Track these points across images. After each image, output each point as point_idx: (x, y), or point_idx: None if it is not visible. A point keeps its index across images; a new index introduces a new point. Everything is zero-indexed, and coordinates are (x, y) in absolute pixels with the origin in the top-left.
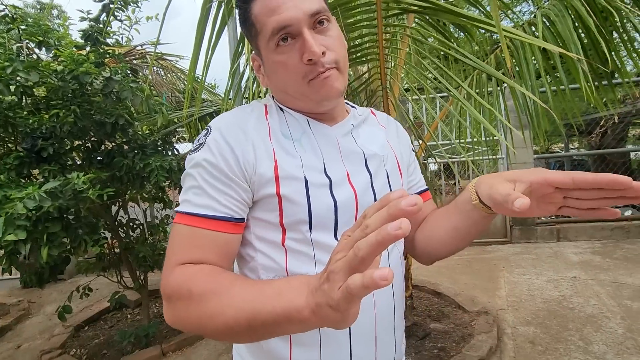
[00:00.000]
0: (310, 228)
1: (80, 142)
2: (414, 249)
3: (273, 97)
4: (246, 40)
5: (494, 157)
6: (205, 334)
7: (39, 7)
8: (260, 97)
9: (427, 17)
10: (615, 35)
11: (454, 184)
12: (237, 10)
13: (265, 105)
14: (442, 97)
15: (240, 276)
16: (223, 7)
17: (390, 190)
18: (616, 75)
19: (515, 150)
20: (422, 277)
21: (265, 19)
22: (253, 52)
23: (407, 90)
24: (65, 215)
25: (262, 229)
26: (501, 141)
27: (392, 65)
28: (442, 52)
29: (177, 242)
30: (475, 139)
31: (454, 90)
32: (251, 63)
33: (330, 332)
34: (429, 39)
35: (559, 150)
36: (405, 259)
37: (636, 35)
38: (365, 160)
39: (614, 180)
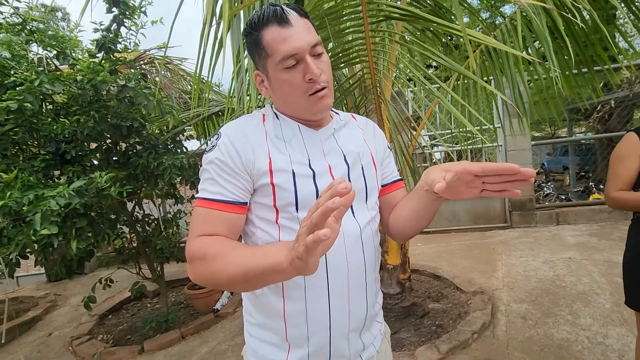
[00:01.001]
0: (297, 209)
1: (97, 144)
2: (389, 229)
3: (272, 106)
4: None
5: (493, 144)
6: (216, 285)
7: (43, 9)
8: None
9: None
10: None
11: None
12: (243, 34)
13: (263, 114)
14: (436, 87)
15: (241, 243)
16: (222, 28)
17: (364, 180)
18: (617, 60)
19: (515, 138)
20: (424, 262)
21: (277, 46)
22: (256, 69)
23: (409, 80)
24: (89, 212)
25: (260, 210)
26: (474, 132)
27: (382, 67)
28: (439, 45)
29: (197, 220)
30: (452, 130)
31: (438, 93)
32: (254, 78)
33: (313, 290)
34: (416, 38)
35: (565, 135)
36: (402, 246)
37: None
38: (344, 156)
39: (507, 167)
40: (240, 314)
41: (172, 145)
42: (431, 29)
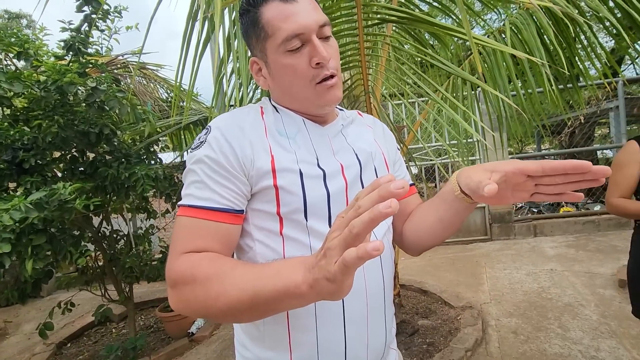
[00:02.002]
0: (306, 216)
1: (61, 153)
2: (403, 241)
3: (269, 99)
4: (232, 50)
5: (471, 158)
6: (209, 316)
7: (7, 16)
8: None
9: (405, 27)
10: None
11: (434, 186)
12: (239, 14)
13: (261, 107)
14: (420, 101)
15: (241, 261)
16: (207, 23)
17: None
18: (580, 78)
19: (490, 152)
20: (409, 277)
21: (280, 24)
22: (253, 56)
23: (390, 95)
24: (48, 228)
25: (260, 219)
26: (478, 140)
27: (374, 71)
28: (418, 60)
29: (181, 232)
30: (451, 142)
31: (432, 94)
32: (249, 67)
33: (325, 316)
34: (406, 46)
35: (532, 151)
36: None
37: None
38: (356, 155)
39: (576, 165)
40: (219, 337)
41: (145, 156)
42: (420, 32)
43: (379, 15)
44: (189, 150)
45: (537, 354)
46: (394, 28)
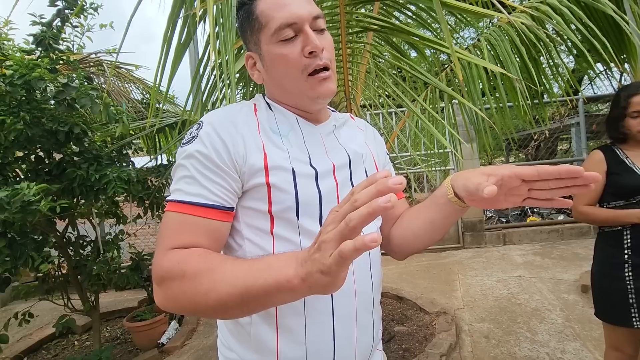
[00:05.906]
0: (297, 215)
1: (25, 153)
2: (390, 244)
3: (263, 96)
4: (208, 52)
5: (445, 168)
6: (198, 312)
7: None
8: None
9: (385, 36)
10: (543, 60)
11: (409, 196)
12: (233, 8)
13: (254, 104)
14: (397, 112)
15: (231, 256)
16: (189, 20)
17: None
18: (545, 95)
19: (463, 162)
20: (385, 284)
21: (273, 14)
22: (248, 50)
23: (363, 106)
24: (8, 230)
25: (251, 217)
26: (452, 150)
27: (354, 77)
28: (397, 71)
29: (170, 228)
30: (428, 152)
31: (411, 104)
32: (245, 62)
33: (315, 316)
34: (385, 55)
35: (501, 163)
36: None
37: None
38: (348, 156)
39: (570, 170)
40: (191, 347)
41: (117, 159)
42: (393, 43)
43: (361, 23)
44: (180, 145)
45: (507, 357)
46: (374, 38)
